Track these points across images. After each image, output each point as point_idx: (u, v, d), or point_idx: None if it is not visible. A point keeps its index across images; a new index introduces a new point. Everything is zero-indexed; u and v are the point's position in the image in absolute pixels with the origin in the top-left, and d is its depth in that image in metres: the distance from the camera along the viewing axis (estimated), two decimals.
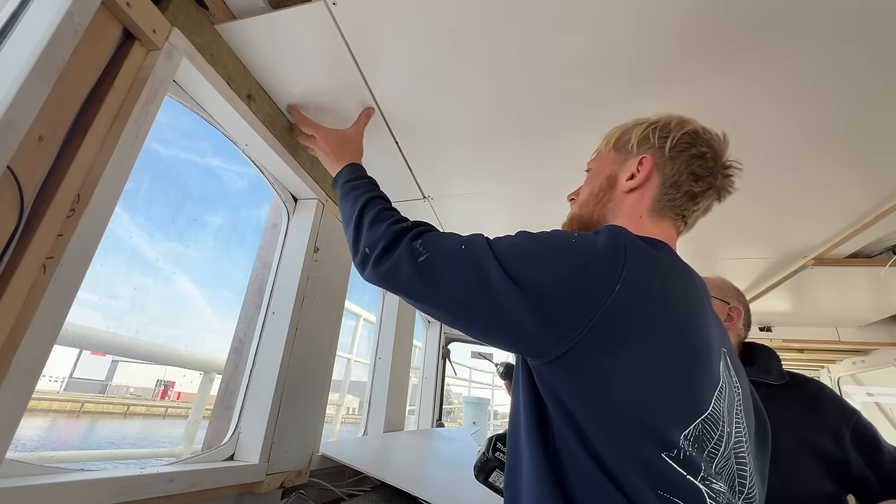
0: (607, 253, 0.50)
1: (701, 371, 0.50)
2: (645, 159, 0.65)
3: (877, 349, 2.74)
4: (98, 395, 38.97)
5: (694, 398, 0.49)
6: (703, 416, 0.48)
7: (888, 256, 1.53)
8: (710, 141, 0.65)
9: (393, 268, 0.61)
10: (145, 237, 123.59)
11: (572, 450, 0.48)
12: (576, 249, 0.52)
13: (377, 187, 0.81)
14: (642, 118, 0.70)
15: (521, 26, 0.76)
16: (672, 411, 0.47)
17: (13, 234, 0.50)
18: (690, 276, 0.58)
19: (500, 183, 1.28)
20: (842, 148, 0.99)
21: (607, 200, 0.68)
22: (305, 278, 1.13)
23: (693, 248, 1.61)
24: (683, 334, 0.50)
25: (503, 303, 0.51)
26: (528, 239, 0.57)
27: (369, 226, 0.69)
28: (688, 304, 0.53)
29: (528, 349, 0.53)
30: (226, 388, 1.10)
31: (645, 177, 0.65)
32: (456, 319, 0.57)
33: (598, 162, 0.73)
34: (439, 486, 1.16)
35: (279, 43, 0.85)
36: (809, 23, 0.70)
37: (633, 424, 0.46)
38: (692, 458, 0.46)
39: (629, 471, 0.45)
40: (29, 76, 0.50)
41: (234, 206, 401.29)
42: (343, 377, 3.34)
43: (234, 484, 0.89)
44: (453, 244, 0.59)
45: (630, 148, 0.68)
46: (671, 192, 0.65)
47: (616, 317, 0.47)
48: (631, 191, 0.66)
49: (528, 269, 0.52)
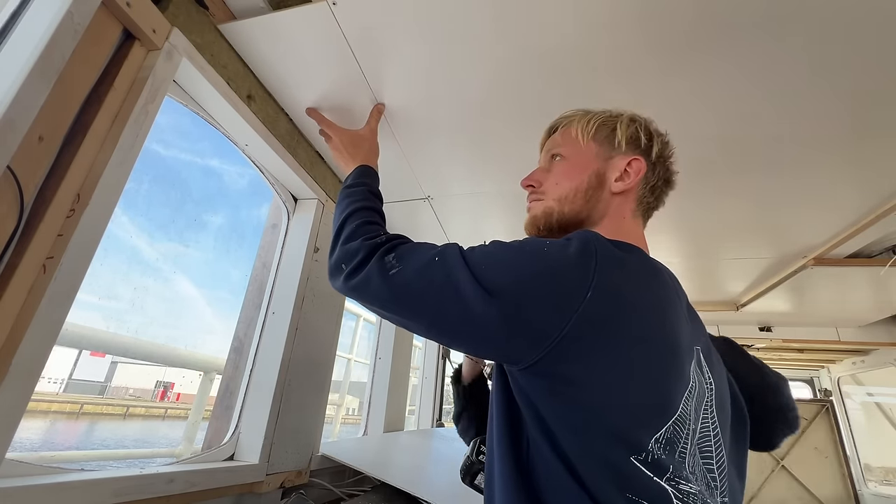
0: (578, 260, 0.50)
1: (671, 375, 0.51)
2: (637, 162, 0.64)
3: (877, 349, 2.75)
4: (97, 396, 38.94)
5: (664, 402, 0.49)
6: (673, 418, 0.49)
7: (888, 256, 1.53)
8: (673, 148, 0.69)
9: (363, 282, 0.61)
10: (145, 237, 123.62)
11: (544, 455, 0.49)
12: (546, 257, 0.52)
13: (372, 196, 0.79)
14: (608, 110, 0.69)
15: (520, 25, 0.76)
16: (643, 416, 0.48)
17: (13, 234, 0.50)
18: (662, 276, 0.57)
19: (500, 183, 1.28)
20: (842, 148, 0.99)
21: (596, 201, 0.66)
22: (305, 278, 1.13)
23: (693, 248, 1.61)
24: (654, 339, 0.50)
25: (475, 311, 0.51)
26: (500, 248, 0.56)
27: (345, 240, 0.69)
28: (659, 308, 0.53)
29: (502, 357, 0.54)
30: (226, 388, 1.10)
31: (634, 181, 0.64)
32: (428, 329, 0.57)
33: (575, 151, 0.68)
34: (439, 486, 1.16)
35: (280, 43, 0.86)
36: (807, 18, 0.70)
37: (605, 429, 0.47)
38: (661, 461, 0.46)
39: (599, 475, 0.46)
40: (29, 76, 0.50)
41: (234, 206, 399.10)
42: (343, 377, 3.34)
43: (234, 484, 0.89)
44: (426, 256, 0.58)
45: (617, 144, 0.66)
46: (649, 195, 0.66)
47: (588, 324, 0.47)
48: (619, 192, 0.65)
49: (500, 278, 0.52)
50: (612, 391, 0.47)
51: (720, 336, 0.75)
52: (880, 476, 2.95)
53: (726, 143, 1.00)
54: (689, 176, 1.14)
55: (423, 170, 1.24)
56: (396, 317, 0.59)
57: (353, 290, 0.63)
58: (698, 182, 1.17)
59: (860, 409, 3.20)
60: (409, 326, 0.60)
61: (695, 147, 1.02)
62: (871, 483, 2.93)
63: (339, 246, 0.69)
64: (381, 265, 0.60)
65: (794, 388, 3.81)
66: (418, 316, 0.57)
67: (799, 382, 3.78)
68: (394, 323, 0.64)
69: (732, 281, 1.96)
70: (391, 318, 0.61)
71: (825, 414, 3.12)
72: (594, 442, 0.47)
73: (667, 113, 0.92)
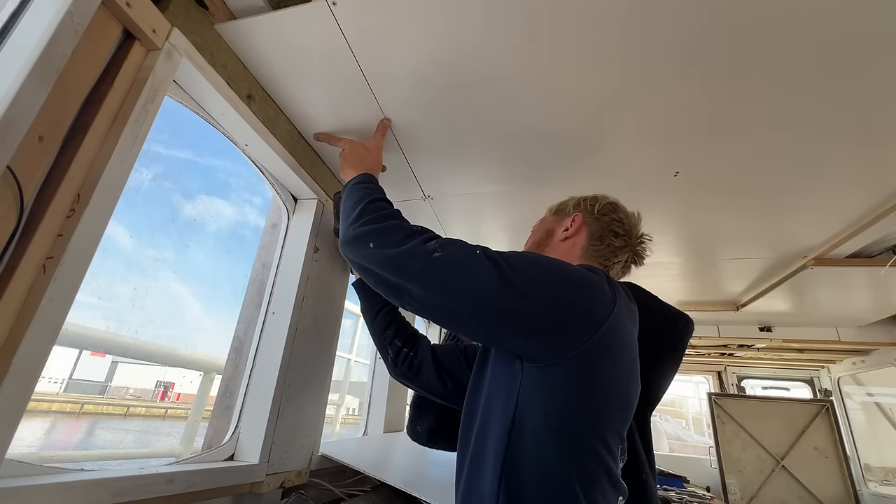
0: (605, 285, 0.65)
1: (634, 378, 0.68)
2: (576, 217, 0.86)
3: (877, 349, 2.74)
4: (98, 396, 38.93)
5: (632, 403, 0.67)
6: (632, 414, 0.68)
7: (888, 256, 1.53)
8: (626, 213, 0.87)
9: (404, 255, 0.64)
10: (145, 237, 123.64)
11: (538, 441, 0.58)
12: (581, 274, 0.65)
13: (386, 196, 0.84)
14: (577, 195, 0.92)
15: (518, 24, 0.76)
16: (622, 413, 0.64)
17: (13, 234, 0.50)
18: (628, 299, 0.74)
19: (499, 183, 1.28)
20: (842, 148, 0.99)
21: (545, 246, 0.88)
22: (305, 278, 1.13)
23: (693, 248, 1.61)
24: (633, 356, 0.68)
25: (517, 307, 0.58)
26: (539, 256, 0.67)
27: (378, 218, 0.73)
28: (632, 324, 0.70)
29: (529, 352, 0.61)
30: (226, 388, 1.10)
31: (576, 229, 0.85)
32: (468, 317, 0.61)
33: (541, 223, 0.96)
34: (439, 487, 1.16)
35: (279, 43, 0.85)
36: (804, 20, 0.70)
37: (596, 422, 0.60)
38: (620, 448, 0.65)
39: (584, 461, 0.58)
40: (29, 76, 0.50)
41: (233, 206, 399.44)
42: (343, 377, 3.34)
43: (233, 484, 0.89)
44: (468, 248, 0.65)
45: (567, 210, 0.90)
46: (596, 243, 0.83)
47: (613, 331, 0.61)
48: (564, 239, 0.85)
49: (545, 277, 0.62)
50: (607, 394, 0.61)
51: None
52: (880, 476, 2.95)
53: (727, 142, 1.00)
54: (689, 176, 1.14)
55: (424, 169, 1.24)
56: (434, 299, 0.62)
57: (388, 259, 0.65)
58: (699, 183, 1.17)
59: (860, 409, 3.20)
60: (438, 312, 0.64)
61: (695, 147, 1.03)
62: (871, 483, 2.93)
63: (364, 222, 0.73)
64: (424, 248, 0.64)
65: (795, 388, 3.81)
66: (456, 303, 0.61)
67: (799, 382, 3.77)
68: (414, 310, 0.66)
69: (732, 281, 1.96)
70: (419, 302, 0.63)
71: (825, 414, 3.12)
72: (584, 430, 0.59)
73: (667, 113, 0.93)
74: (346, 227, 0.77)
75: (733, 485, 3.01)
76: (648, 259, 0.87)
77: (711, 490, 2.97)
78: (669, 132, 0.98)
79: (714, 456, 3.17)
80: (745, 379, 3.96)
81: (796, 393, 3.79)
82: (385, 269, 0.66)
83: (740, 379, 3.95)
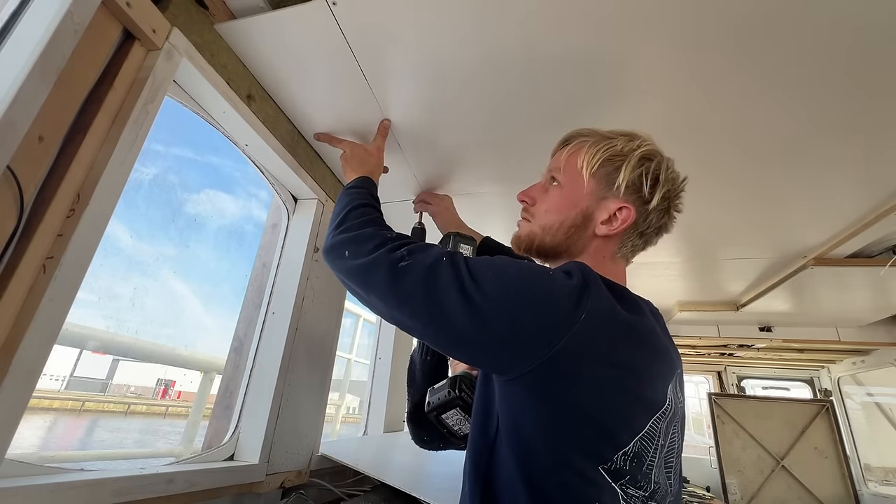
0: (576, 286, 0.53)
1: (638, 399, 0.54)
2: (627, 210, 0.64)
3: (877, 349, 2.74)
4: (99, 393, 38.96)
5: (628, 422, 0.52)
6: (640, 435, 0.52)
7: (888, 256, 1.52)
8: (682, 195, 0.69)
9: (369, 266, 0.62)
10: (145, 237, 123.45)
11: (507, 462, 0.53)
12: (549, 279, 0.55)
13: (375, 200, 0.82)
14: (625, 137, 0.68)
15: (515, 24, 0.76)
16: (609, 433, 0.51)
17: (13, 234, 0.50)
18: (644, 311, 0.60)
19: (499, 183, 1.28)
20: (842, 147, 0.99)
21: (577, 238, 0.67)
22: (305, 278, 1.13)
23: (693, 248, 1.61)
24: (633, 365, 0.54)
25: (475, 317, 0.53)
26: (505, 262, 0.58)
27: (355, 226, 0.71)
28: (637, 340, 0.56)
29: (492, 365, 0.56)
30: (226, 388, 1.10)
31: (622, 228, 0.64)
32: (425, 327, 0.57)
33: (572, 183, 0.68)
34: (439, 487, 1.16)
35: (279, 42, 0.85)
36: (804, 21, 0.70)
37: (578, 440, 0.51)
38: (621, 470, 0.51)
39: (561, 485, 0.50)
40: (29, 76, 0.50)
41: (234, 205, 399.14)
42: (343, 377, 3.34)
43: (233, 484, 0.89)
44: (435, 255, 0.60)
45: (615, 188, 0.65)
46: (635, 239, 0.66)
47: (578, 345, 0.50)
48: (606, 237, 0.65)
49: (505, 289, 0.54)
50: (588, 408, 0.51)
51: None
52: (880, 476, 2.95)
53: (727, 142, 1.00)
54: (690, 176, 1.14)
55: (423, 169, 1.24)
56: (393, 310, 0.60)
57: (356, 269, 0.64)
58: (699, 182, 1.17)
59: (860, 410, 3.19)
60: (403, 322, 0.60)
61: (695, 147, 1.02)
62: (871, 483, 2.93)
63: (343, 230, 0.71)
64: (391, 256, 0.61)
65: (795, 388, 3.81)
66: (415, 314, 0.57)
67: (799, 382, 3.77)
68: (386, 319, 0.64)
69: (732, 281, 1.96)
70: (385, 312, 0.62)
71: (825, 414, 3.11)
72: (567, 451, 0.50)
73: (667, 112, 0.92)
74: (327, 235, 0.74)
75: (733, 485, 3.01)
76: (648, 259, 0.85)
77: (711, 490, 2.97)
78: (670, 132, 0.98)
79: (714, 456, 3.16)
80: (745, 379, 3.96)
81: (796, 393, 3.78)
82: (352, 279, 0.64)
83: (740, 379, 3.95)
